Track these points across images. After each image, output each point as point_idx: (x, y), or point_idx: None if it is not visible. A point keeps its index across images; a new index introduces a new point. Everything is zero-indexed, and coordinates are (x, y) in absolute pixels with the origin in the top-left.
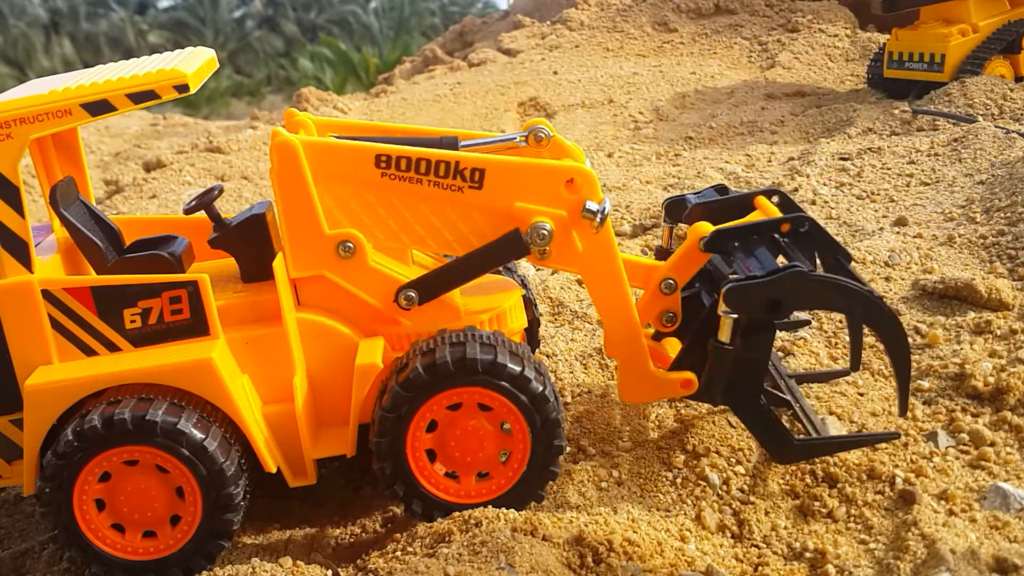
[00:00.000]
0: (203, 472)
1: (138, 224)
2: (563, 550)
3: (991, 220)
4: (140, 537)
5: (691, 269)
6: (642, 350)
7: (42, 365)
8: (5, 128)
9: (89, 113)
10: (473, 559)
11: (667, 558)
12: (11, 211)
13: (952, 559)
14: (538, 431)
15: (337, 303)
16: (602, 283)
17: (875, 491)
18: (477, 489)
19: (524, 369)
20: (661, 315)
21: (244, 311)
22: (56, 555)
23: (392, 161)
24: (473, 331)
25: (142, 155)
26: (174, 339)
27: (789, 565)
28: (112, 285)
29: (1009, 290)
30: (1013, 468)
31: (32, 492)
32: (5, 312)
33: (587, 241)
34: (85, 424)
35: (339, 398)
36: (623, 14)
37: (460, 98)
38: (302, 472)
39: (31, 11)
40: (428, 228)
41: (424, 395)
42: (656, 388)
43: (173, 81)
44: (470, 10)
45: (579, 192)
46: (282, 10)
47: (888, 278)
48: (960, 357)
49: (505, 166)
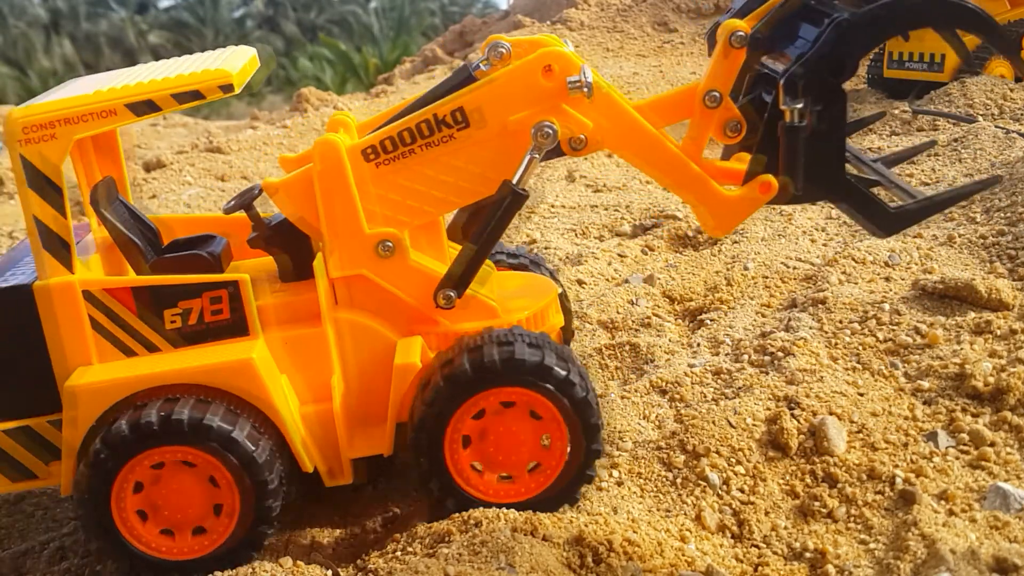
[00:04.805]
0: (248, 483)
1: (175, 223)
2: (563, 550)
3: (991, 220)
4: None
5: (730, 72)
6: (701, 180)
7: (81, 366)
8: (49, 128)
9: (134, 113)
10: (473, 559)
11: (667, 558)
12: (54, 212)
13: (952, 559)
14: (577, 435)
15: (375, 302)
16: (627, 141)
17: (875, 491)
18: (516, 489)
19: (570, 373)
20: (724, 127)
21: (283, 311)
22: (56, 555)
23: (377, 149)
24: (520, 331)
25: (142, 155)
26: (213, 339)
27: (789, 565)
28: (153, 285)
29: (1009, 290)
30: (1013, 468)
31: (69, 493)
32: (46, 312)
33: (590, 112)
34: (141, 419)
35: (376, 397)
36: (623, 14)
37: None
38: (339, 472)
39: (31, 11)
40: (444, 188)
41: (468, 392)
42: (736, 208)
43: (218, 81)
44: (470, 10)
45: (559, 74)
46: (282, 10)
47: (888, 278)
48: (960, 357)
49: (479, 92)
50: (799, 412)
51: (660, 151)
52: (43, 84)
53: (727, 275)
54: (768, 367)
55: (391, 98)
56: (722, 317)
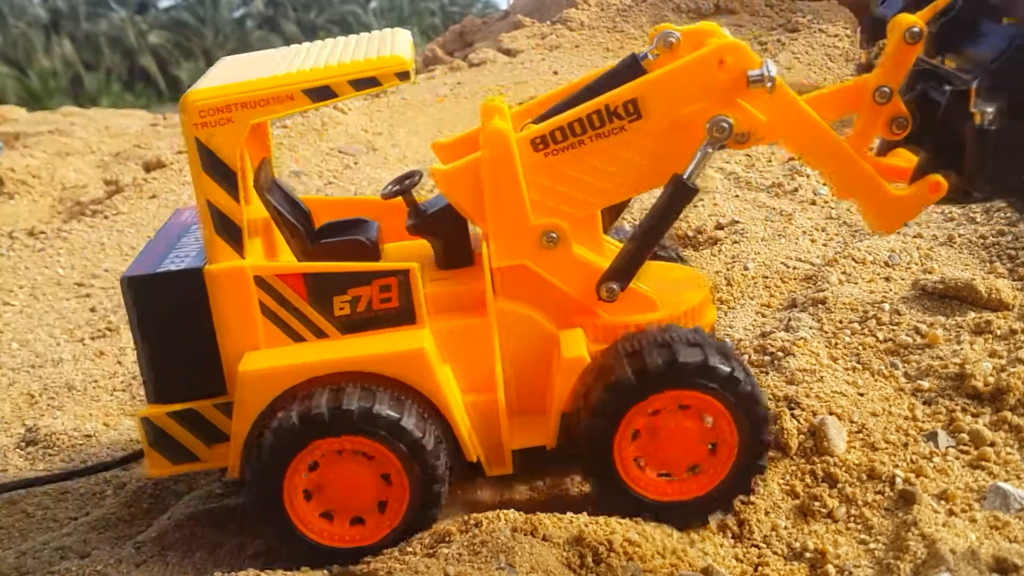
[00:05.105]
0: (417, 469)
1: (324, 205)
2: (563, 550)
3: (991, 220)
4: (348, 524)
5: (902, 68)
6: (870, 178)
7: (248, 351)
8: (226, 112)
9: (311, 99)
10: (473, 559)
11: (667, 558)
12: (228, 196)
13: (952, 559)
14: (746, 429)
15: (534, 293)
16: (799, 137)
17: (875, 491)
18: (687, 487)
19: (735, 370)
20: (890, 123)
21: (445, 300)
22: (56, 555)
23: (547, 139)
24: (677, 330)
25: (142, 155)
26: (380, 327)
27: (789, 565)
28: (325, 272)
29: (1009, 290)
30: (1013, 468)
31: (237, 476)
32: (216, 297)
33: (766, 106)
34: (312, 410)
35: (532, 389)
36: (623, 14)
37: (460, 98)
38: (500, 462)
39: (31, 11)
40: (611, 180)
41: (632, 400)
42: (904, 208)
43: (395, 68)
44: (470, 10)
45: (735, 67)
46: (282, 10)
47: (888, 278)
48: (960, 357)
49: (654, 83)
50: (799, 412)
51: (832, 147)
52: (43, 84)
53: (727, 275)
54: (768, 367)
55: (391, 98)
56: (722, 317)
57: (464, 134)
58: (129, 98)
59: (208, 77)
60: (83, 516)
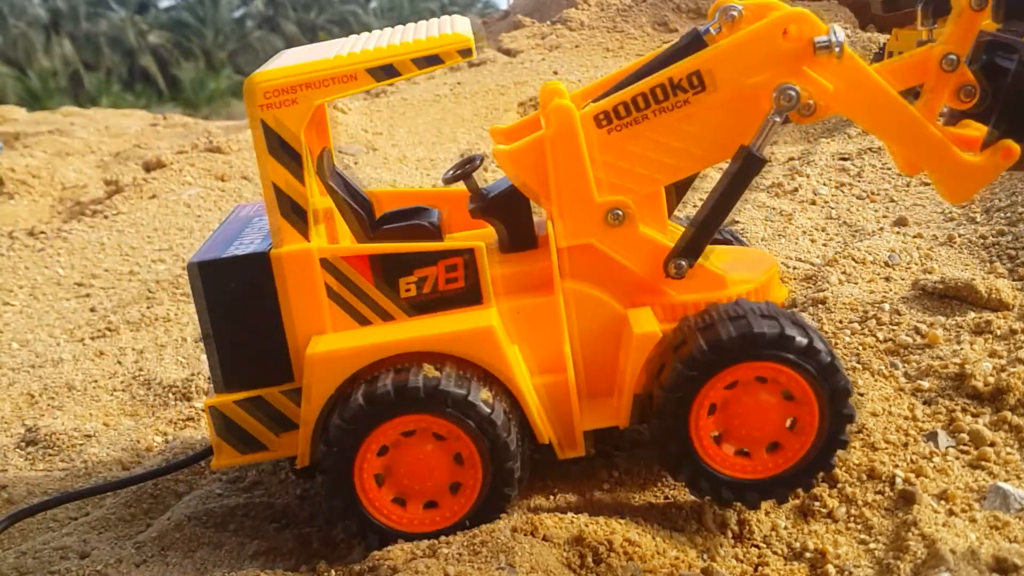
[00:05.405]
0: (487, 445)
1: (383, 196)
2: (563, 550)
3: (991, 220)
4: (422, 508)
5: (969, 35)
6: (944, 146)
7: (315, 335)
8: (291, 93)
9: (374, 78)
10: (473, 559)
11: (667, 558)
12: (293, 178)
13: (952, 559)
14: (827, 401)
15: (600, 274)
16: (869, 106)
17: (875, 491)
18: (760, 464)
19: (812, 341)
20: (958, 91)
21: (510, 281)
22: (56, 555)
23: (610, 114)
24: (748, 303)
25: (142, 155)
26: (447, 308)
27: (789, 565)
28: (391, 253)
29: (1009, 290)
30: (1013, 468)
31: (307, 464)
32: (282, 281)
33: (834, 74)
34: (378, 390)
35: (599, 371)
36: (623, 14)
37: (460, 98)
38: (572, 444)
39: (31, 11)
40: (676, 155)
41: (708, 373)
42: (977, 174)
43: (457, 46)
44: (470, 10)
45: (798, 36)
46: (282, 10)
47: (888, 278)
48: (960, 357)
49: (718, 54)
50: None
51: (903, 115)
52: (43, 84)
53: None
54: None
55: (391, 98)
56: None
57: (523, 119)
58: (129, 98)
59: (271, 63)
60: (83, 516)
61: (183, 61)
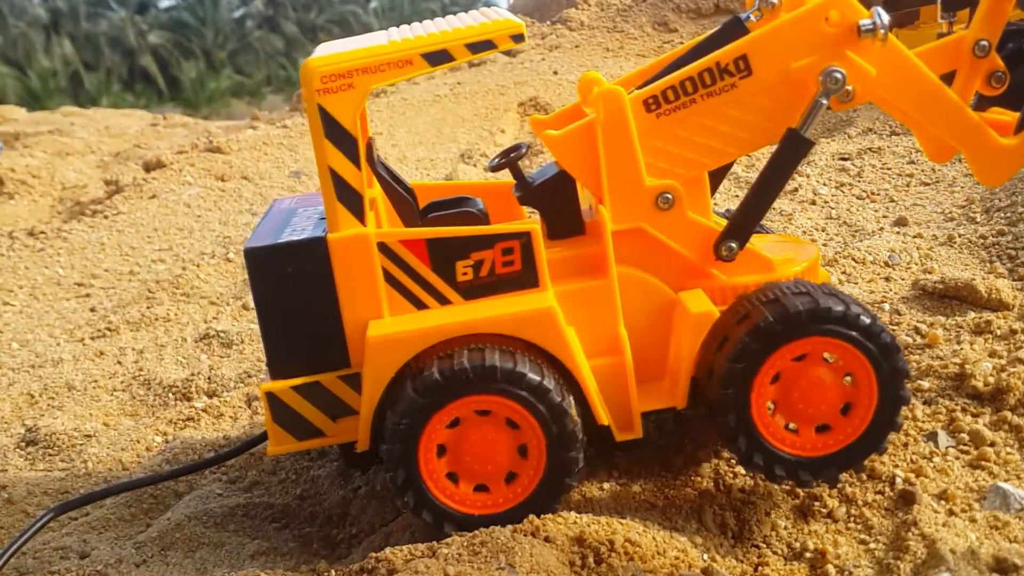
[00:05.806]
0: (553, 430)
1: (425, 189)
2: (564, 550)
3: (991, 220)
4: (472, 490)
5: (999, 20)
6: (980, 128)
7: (372, 319)
8: (347, 78)
9: (429, 63)
10: (473, 559)
11: (668, 558)
12: (348, 163)
13: (952, 559)
14: (885, 381)
15: (649, 258)
16: (909, 90)
17: (875, 491)
18: (814, 443)
19: (874, 320)
20: (989, 78)
21: (563, 265)
22: (57, 554)
23: (659, 99)
24: (808, 283)
25: (142, 155)
26: (503, 291)
27: (789, 565)
28: (447, 237)
29: (1009, 290)
30: (1013, 468)
31: (366, 448)
32: (339, 265)
33: (876, 58)
34: (455, 366)
35: (651, 354)
36: (623, 14)
37: (460, 98)
38: (628, 426)
39: (31, 11)
40: (722, 139)
41: (773, 345)
42: (1012, 158)
43: (509, 31)
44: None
45: (840, 22)
46: (282, 10)
47: (888, 278)
48: (960, 357)
49: (763, 40)
50: None
51: (944, 99)
52: (43, 84)
53: None
54: None
55: (391, 98)
56: None
57: (563, 109)
58: (129, 98)
59: (318, 51)
60: (83, 516)
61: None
